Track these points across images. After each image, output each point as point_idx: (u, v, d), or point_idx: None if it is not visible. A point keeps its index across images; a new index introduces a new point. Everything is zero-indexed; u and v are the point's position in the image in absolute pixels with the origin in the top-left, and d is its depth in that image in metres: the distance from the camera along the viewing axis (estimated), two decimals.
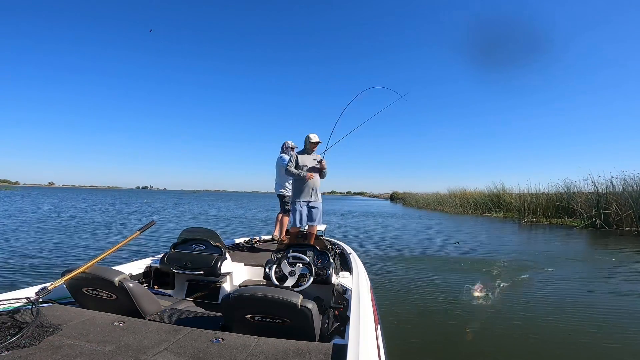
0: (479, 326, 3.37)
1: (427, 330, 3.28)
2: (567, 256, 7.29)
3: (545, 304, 4.12)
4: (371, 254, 7.15)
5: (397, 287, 4.73)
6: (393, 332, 3.10)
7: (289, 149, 4.89)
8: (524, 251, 8.18)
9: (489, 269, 5.85)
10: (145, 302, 1.74)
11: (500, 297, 4.33)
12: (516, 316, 3.68)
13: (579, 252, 8.30)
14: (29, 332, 1.21)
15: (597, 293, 4.58)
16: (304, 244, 2.78)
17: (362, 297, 1.93)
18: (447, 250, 8.03)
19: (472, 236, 10.98)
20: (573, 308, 3.94)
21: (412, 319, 3.55)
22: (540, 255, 7.31)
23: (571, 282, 5.17)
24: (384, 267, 6.01)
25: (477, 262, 6.49)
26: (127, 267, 2.58)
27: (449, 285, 4.91)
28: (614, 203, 11.81)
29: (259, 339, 1.31)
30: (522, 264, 6.37)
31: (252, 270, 3.10)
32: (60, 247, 7.29)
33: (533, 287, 4.87)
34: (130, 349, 1.20)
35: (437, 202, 26.19)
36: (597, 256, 7.28)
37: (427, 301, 4.15)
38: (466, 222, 15.80)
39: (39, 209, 17.62)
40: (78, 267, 1.66)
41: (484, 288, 4.34)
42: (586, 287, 4.90)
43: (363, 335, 1.34)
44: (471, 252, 7.74)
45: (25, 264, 5.62)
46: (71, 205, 21.92)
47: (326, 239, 4.28)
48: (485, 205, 20.27)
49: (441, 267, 6.16)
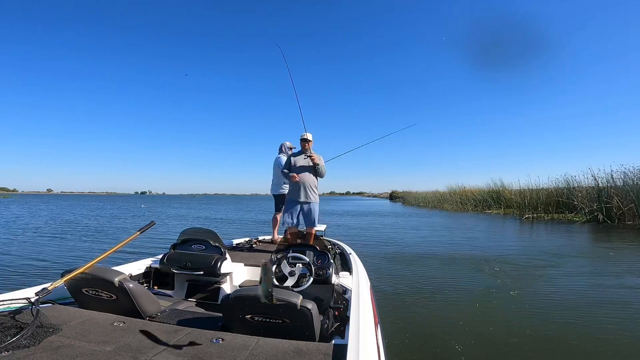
0: (483, 325, 3.37)
1: (427, 331, 3.28)
2: (573, 251, 7.26)
3: (553, 300, 4.13)
4: (371, 253, 7.15)
5: (397, 287, 4.73)
6: (393, 332, 3.10)
7: (287, 149, 4.86)
8: (528, 247, 8.17)
9: (491, 266, 5.85)
10: (145, 302, 1.74)
11: (506, 295, 4.34)
12: (522, 314, 3.69)
13: (584, 247, 8.27)
14: (29, 332, 1.21)
15: (606, 287, 4.57)
16: (304, 244, 2.78)
17: (362, 297, 1.93)
18: (447, 248, 8.02)
19: (474, 233, 10.93)
20: (585, 303, 3.95)
21: (412, 319, 3.55)
22: (545, 250, 7.30)
23: (581, 276, 5.18)
24: (384, 267, 6.01)
25: (478, 259, 6.49)
26: (127, 268, 2.58)
27: (450, 284, 4.91)
28: (615, 197, 11.77)
29: (259, 339, 1.31)
30: (527, 260, 6.38)
31: (252, 270, 3.10)
32: (55, 251, 7.26)
33: (540, 283, 4.88)
34: (130, 349, 1.20)
35: (436, 200, 26.24)
36: (610, 252, 7.22)
37: (427, 301, 4.15)
38: (467, 220, 15.76)
39: (36, 216, 17.60)
40: (78, 267, 1.66)
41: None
42: (596, 281, 4.92)
43: (363, 336, 1.34)
44: (473, 249, 7.74)
45: (21, 268, 5.61)
46: (68, 212, 21.87)
47: (326, 239, 4.27)
48: (485, 202, 20.29)
49: (442, 265, 6.16)
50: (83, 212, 21.08)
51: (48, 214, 18.95)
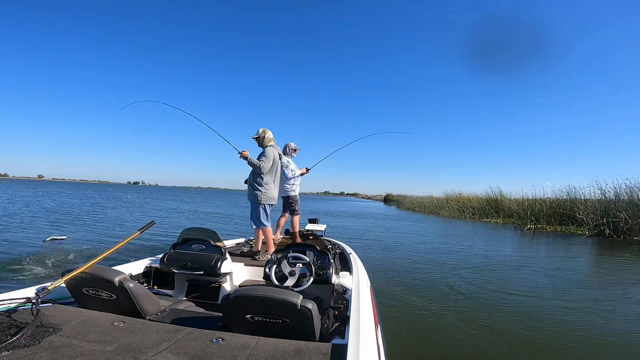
0: (483, 327, 3.37)
1: (427, 331, 3.28)
2: (585, 270, 6.75)
3: (567, 314, 3.88)
4: (371, 254, 7.16)
5: (398, 287, 4.73)
6: (393, 332, 3.10)
7: (291, 151, 4.72)
8: (533, 258, 7.78)
9: (494, 273, 5.82)
10: (145, 302, 1.74)
11: (508, 297, 4.33)
12: (522, 315, 3.68)
13: (597, 264, 7.72)
14: (29, 332, 1.21)
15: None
16: (304, 243, 2.78)
17: (362, 297, 1.93)
18: (447, 253, 8.04)
19: (476, 241, 10.61)
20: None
21: (412, 319, 3.55)
22: (558, 267, 6.82)
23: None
24: (384, 267, 6.01)
25: (481, 266, 6.49)
26: (127, 267, 2.58)
27: (450, 286, 4.91)
28: (624, 211, 11.40)
29: (259, 339, 1.31)
30: (541, 271, 6.16)
31: (252, 270, 3.10)
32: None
33: (554, 299, 4.51)
34: (131, 349, 1.20)
35: (433, 205, 25.47)
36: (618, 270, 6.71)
37: (428, 301, 4.15)
38: (465, 227, 15.46)
39: (13, 202, 17.11)
40: (78, 267, 1.66)
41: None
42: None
43: (363, 335, 1.34)
44: (474, 257, 7.62)
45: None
46: (47, 199, 21.21)
47: (326, 239, 4.28)
48: (483, 210, 19.75)
49: (442, 269, 6.16)
50: (62, 201, 20.34)
51: (24, 202, 18.11)
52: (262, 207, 3.70)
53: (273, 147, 3.77)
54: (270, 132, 3.84)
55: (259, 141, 3.83)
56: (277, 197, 3.86)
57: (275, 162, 3.73)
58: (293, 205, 4.61)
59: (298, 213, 4.62)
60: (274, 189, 3.78)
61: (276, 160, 3.74)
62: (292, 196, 4.62)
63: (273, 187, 3.76)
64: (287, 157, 4.68)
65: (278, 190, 3.90)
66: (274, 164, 3.71)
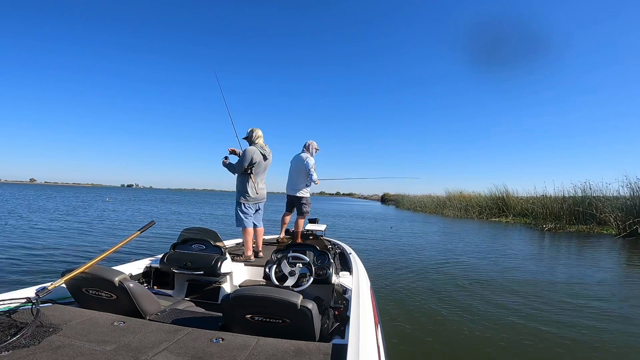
0: (483, 327, 3.37)
1: (427, 331, 3.28)
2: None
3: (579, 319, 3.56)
4: (371, 254, 7.15)
5: (398, 287, 4.73)
6: (393, 332, 3.10)
7: (313, 150, 4.63)
8: (563, 264, 6.76)
9: (507, 276, 5.66)
10: (145, 302, 1.74)
11: (509, 301, 4.31)
12: (523, 317, 3.68)
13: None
14: (29, 332, 1.21)
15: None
16: (304, 243, 2.79)
17: (362, 297, 1.93)
18: (451, 254, 8.02)
19: (490, 244, 9.51)
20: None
21: (412, 319, 3.55)
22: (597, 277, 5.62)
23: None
24: (384, 267, 6.01)
25: (492, 269, 6.45)
26: (127, 267, 2.58)
27: (450, 286, 4.91)
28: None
29: (259, 339, 1.31)
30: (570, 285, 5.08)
31: (252, 270, 3.10)
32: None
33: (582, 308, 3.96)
34: (131, 349, 1.20)
35: (435, 205, 24.58)
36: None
37: (428, 301, 4.15)
38: (474, 227, 14.41)
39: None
40: (78, 267, 1.66)
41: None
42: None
43: (363, 335, 1.34)
44: (484, 259, 7.03)
45: None
46: (22, 204, 19.53)
47: (326, 239, 4.28)
48: (490, 209, 18.75)
49: (442, 269, 6.16)
50: (37, 205, 18.79)
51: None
52: (238, 207, 3.64)
53: (255, 146, 3.63)
54: (259, 130, 3.76)
55: (249, 141, 3.80)
56: (257, 197, 3.66)
57: (254, 160, 3.55)
58: (305, 207, 4.54)
59: (306, 215, 4.57)
60: (252, 188, 3.60)
61: (254, 159, 3.55)
62: (306, 197, 4.55)
63: (252, 185, 3.60)
64: (309, 154, 4.57)
65: (258, 190, 3.67)
66: (251, 163, 3.56)
